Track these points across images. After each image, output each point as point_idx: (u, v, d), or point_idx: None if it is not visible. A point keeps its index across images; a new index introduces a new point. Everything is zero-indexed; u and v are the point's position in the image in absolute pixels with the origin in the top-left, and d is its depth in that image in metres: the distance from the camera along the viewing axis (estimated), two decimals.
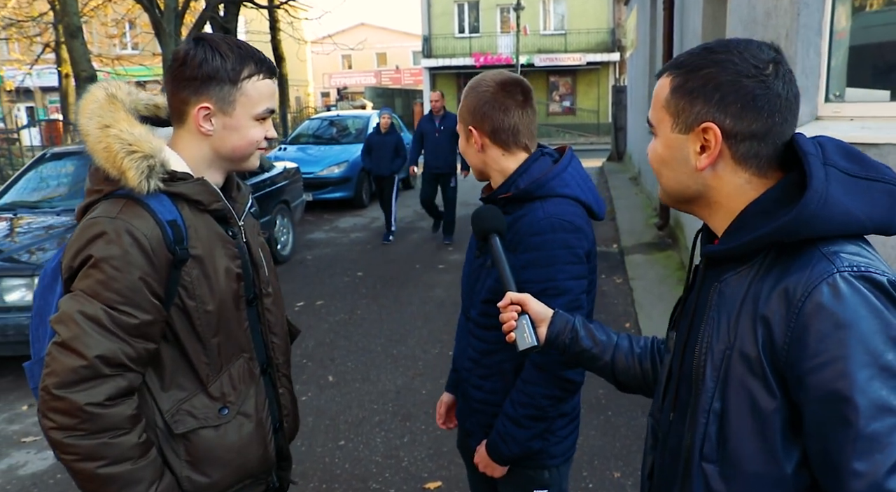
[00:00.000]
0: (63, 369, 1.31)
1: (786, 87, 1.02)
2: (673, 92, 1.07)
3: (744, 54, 1.02)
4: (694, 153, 1.06)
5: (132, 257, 1.36)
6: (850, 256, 0.94)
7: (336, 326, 5.81)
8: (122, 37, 26.36)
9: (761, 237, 0.99)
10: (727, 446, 1.02)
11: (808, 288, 0.93)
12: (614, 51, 29.38)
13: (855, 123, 3.61)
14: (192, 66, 1.43)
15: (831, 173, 0.97)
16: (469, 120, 1.75)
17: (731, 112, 1.01)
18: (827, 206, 0.94)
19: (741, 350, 0.99)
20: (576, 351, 1.44)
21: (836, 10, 3.71)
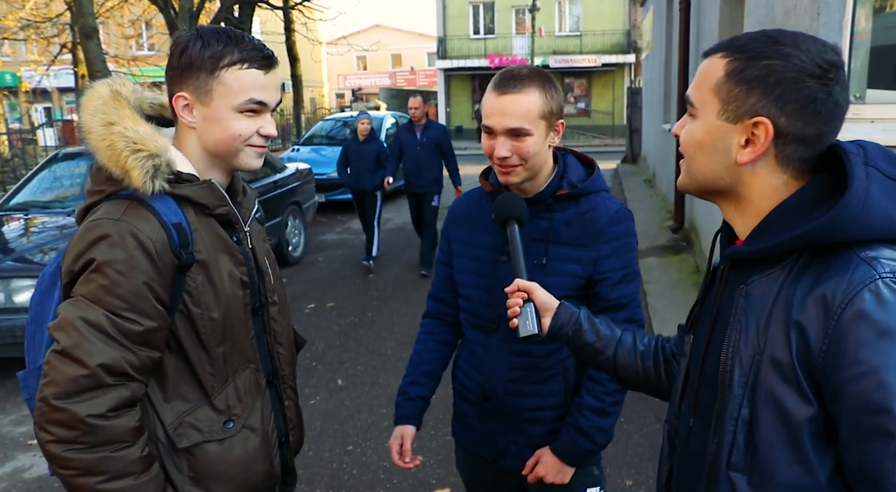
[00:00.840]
0: (63, 379, 1.25)
1: (843, 94, 0.97)
2: (728, 76, 0.99)
3: (811, 52, 0.96)
4: (737, 145, 1.00)
5: (136, 261, 1.30)
6: (891, 262, 0.90)
7: (346, 328, 5.78)
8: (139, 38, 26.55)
9: (795, 238, 0.94)
10: (756, 455, 0.98)
11: (849, 294, 0.89)
12: (630, 52, 29.24)
13: (876, 126, 3.53)
14: (175, 55, 1.39)
15: (872, 175, 0.93)
16: (560, 113, 1.70)
17: (788, 111, 0.96)
18: (867, 207, 0.90)
19: (772, 356, 0.95)
20: (578, 344, 1.42)
21: (856, 10, 3.63)
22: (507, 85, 1.63)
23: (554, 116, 1.66)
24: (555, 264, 1.72)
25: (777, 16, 4.11)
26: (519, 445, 1.84)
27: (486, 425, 1.88)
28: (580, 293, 1.74)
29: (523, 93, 1.61)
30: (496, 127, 1.64)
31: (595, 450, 1.80)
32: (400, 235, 9.73)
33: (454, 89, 32.11)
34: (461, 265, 1.88)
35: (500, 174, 1.70)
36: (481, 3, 31.07)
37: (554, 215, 1.73)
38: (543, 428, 1.82)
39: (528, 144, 1.62)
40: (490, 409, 1.85)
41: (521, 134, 1.62)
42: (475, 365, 1.87)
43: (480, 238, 1.82)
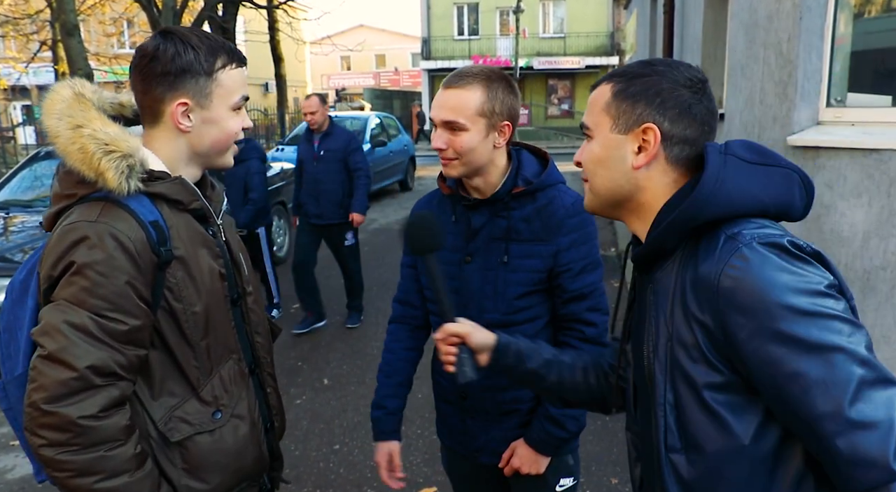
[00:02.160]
0: (52, 383, 1.25)
1: (711, 103, 1.12)
2: (615, 96, 1.14)
3: (680, 69, 1.12)
4: (632, 152, 1.12)
5: (117, 262, 1.30)
6: (753, 231, 0.99)
7: (332, 328, 5.77)
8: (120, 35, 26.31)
9: (669, 225, 1.05)
10: (686, 433, 1.05)
11: (720, 266, 0.98)
12: (613, 54, 29.42)
13: (856, 129, 3.59)
14: (164, 61, 1.37)
15: (729, 160, 1.05)
16: (507, 115, 1.70)
17: (669, 116, 1.10)
18: (723, 185, 1.02)
19: (679, 339, 1.04)
20: (519, 374, 1.46)
21: (837, 15, 3.69)
22: (452, 80, 1.70)
23: (497, 116, 1.68)
24: (516, 262, 1.75)
25: (760, 20, 4.16)
26: (497, 440, 1.88)
27: (465, 424, 1.91)
28: (543, 287, 1.77)
29: (464, 89, 1.67)
30: (434, 118, 1.72)
31: (567, 438, 1.83)
32: (384, 235, 9.72)
33: (438, 90, 32.12)
34: (425, 282, 1.89)
35: (443, 167, 1.75)
36: (466, 4, 31.12)
37: (512, 213, 1.75)
38: (519, 419, 1.86)
39: (462, 139, 1.66)
40: (468, 407, 1.88)
41: (456, 128, 1.67)
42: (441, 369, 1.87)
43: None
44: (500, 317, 1.77)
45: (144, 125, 1.47)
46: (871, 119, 3.60)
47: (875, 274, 3.45)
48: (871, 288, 3.45)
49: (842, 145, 3.43)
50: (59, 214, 1.40)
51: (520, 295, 1.76)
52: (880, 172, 3.39)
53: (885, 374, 0.92)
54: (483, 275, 1.78)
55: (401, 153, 14.27)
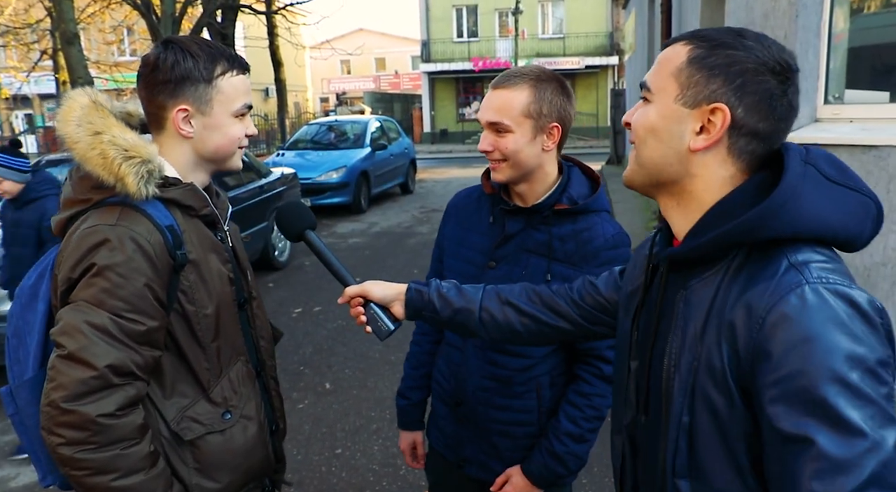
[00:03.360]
0: (71, 382, 1.28)
1: (796, 99, 0.99)
2: (690, 62, 0.99)
3: (772, 49, 0.97)
4: (691, 132, 0.99)
5: (137, 264, 1.34)
6: (820, 267, 0.89)
7: (334, 332, 5.77)
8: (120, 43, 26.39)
9: (723, 234, 0.94)
10: (696, 461, 0.98)
11: (775, 298, 0.88)
12: (613, 54, 29.42)
13: (855, 125, 3.58)
14: (165, 69, 1.41)
15: (810, 172, 0.93)
16: (556, 117, 1.64)
17: (746, 102, 0.96)
18: (798, 201, 0.90)
19: (708, 362, 0.95)
20: (443, 318, 1.48)
21: (834, 12, 3.69)
22: (500, 81, 1.65)
23: (545, 118, 1.62)
24: (540, 279, 1.67)
25: (756, 17, 4.16)
26: (486, 455, 1.83)
27: (456, 430, 1.88)
28: None
29: (511, 89, 1.61)
30: (480, 119, 1.67)
31: (566, 475, 1.78)
32: (386, 238, 9.73)
33: (438, 93, 32.15)
34: (450, 265, 1.86)
35: (491, 170, 1.70)
36: (465, 6, 31.14)
37: (551, 229, 1.69)
38: (513, 443, 1.80)
39: (507, 141, 1.61)
40: (462, 414, 1.85)
41: (501, 129, 1.62)
42: (451, 369, 1.87)
43: (472, 239, 1.80)
44: None
45: (152, 133, 1.51)
46: (869, 115, 3.60)
47: (876, 270, 3.45)
48: (871, 285, 3.44)
49: (840, 142, 3.42)
50: (71, 219, 1.43)
51: None
52: (879, 168, 3.38)
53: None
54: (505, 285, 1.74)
55: (401, 156, 14.28)
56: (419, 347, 2.04)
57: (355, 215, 11.73)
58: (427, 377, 2.00)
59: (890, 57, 3.87)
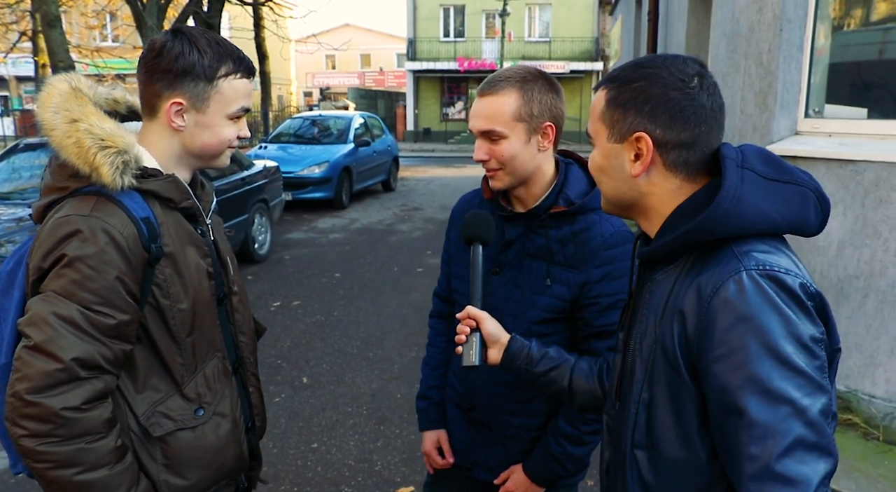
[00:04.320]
0: (36, 374, 1.25)
1: (710, 98, 1.08)
2: (608, 104, 1.13)
3: (670, 69, 1.08)
4: (629, 161, 1.12)
5: (108, 256, 1.31)
6: (760, 255, 0.99)
7: (312, 327, 5.76)
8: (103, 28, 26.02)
9: (680, 236, 1.06)
10: (653, 434, 1.09)
11: (717, 284, 0.99)
12: (598, 60, 29.60)
13: (833, 140, 3.66)
14: (168, 58, 1.39)
15: (747, 176, 1.03)
16: (548, 116, 1.60)
17: (660, 122, 1.07)
18: (739, 204, 1.00)
19: (662, 344, 1.06)
20: (532, 376, 1.49)
21: (816, 27, 3.76)
22: (485, 87, 1.61)
23: (537, 119, 1.58)
24: (543, 284, 1.67)
25: (742, 30, 4.23)
26: (496, 458, 1.84)
27: (469, 434, 1.88)
28: (565, 316, 1.68)
29: (497, 95, 1.58)
30: (472, 130, 1.63)
31: (566, 476, 1.78)
32: (367, 235, 9.72)
33: (423, 91, 32.14)
34: (457, 272, 1.84)
35: (489, 179, 1.67)
36: (452, 5, 31.16)
37: (549, 232, 1.66)
38: (522, 445, 1.81)
39: (502, 147, 1.58)
40: (475, 419, 1.84)
41: (495, 136, 1.58)
42: (464, 374, 1.85)
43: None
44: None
45: (143, 118, 1.48)
46: (848, 130, 3.68)
47: (848, 283, 3.52)
48: (844, 296, 3.52)
49: (819, 155, 3.49)
50: (50, 206, 1.40)
51: (540, 320, 1.67)
52: (855, 183, 3.46)
53: (826, 444, 0.93)
54: (509, 291, 1.71)
55: (384, 154, 14.26)
56: (435, 348, 2.01)
57: (336, 211, 11.69)
58: (444, 377, 1.98)
59: (869, 74, 3.95)
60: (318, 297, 6.61)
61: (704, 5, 6.02)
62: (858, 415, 3.52)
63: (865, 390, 3.50)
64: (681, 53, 1.14)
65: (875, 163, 3.36)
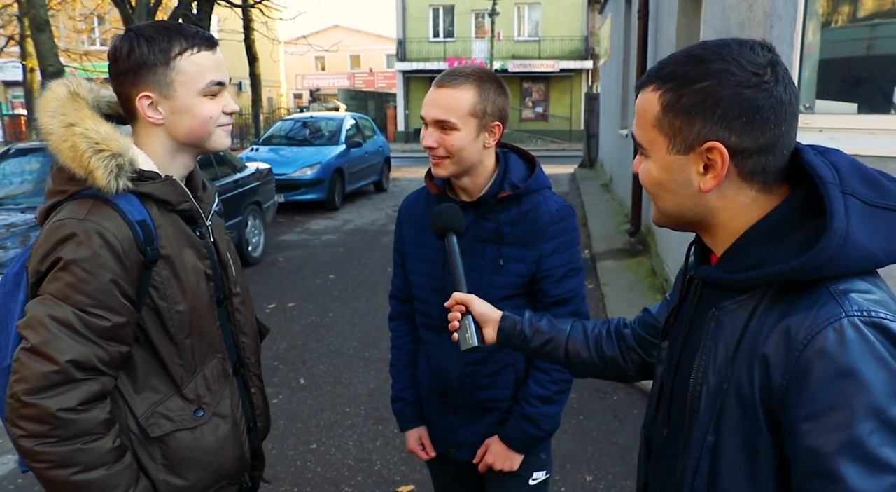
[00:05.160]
0: (33, 375, 1.27)
1: (787, 90, 0.93)
2: (665, 110, 0.96)
3: (740, 61, 0.92)
4: (697, 174, 0.97)
5: (103, 259, 1.32)
6: (861, 298, 0.87)
7: (308, 328, 5.76)
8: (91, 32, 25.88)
9: (769, 276, 0.92)
10: (717, 483, 0.98)
11: (813, 331, 0.86)
12: (587, 59, 29.68)
13: (824, 135, 3.69)
14: (122, 58, 1.39)
15: (851, 205, 0.88)
16: (498, 116, 1.72)
17: (736, 128, 0.92)
18: (846, 247, 0.86)
19: (738, 389, 0.94)
20: (529, 349, 1.48)
21: (806, 23, 3.79)
22: (444, 79, 1.70)
23: (488, 117, 1.69)
24: (506, 264, 1.78)
25: (732, 27, 4.26)
26: (476, 435, 1.91)
27: (446, 419, 1.95)
28: (525, 290, 1.80)
29: (457, 88, 1.67)
30: (426, 117, 1.72)
31: (542, 436, 1.87)
32: (360, 235, 9.72)
33: (413, 92, 32.13)
34: (414, 267, 1.92)
35: (433, 166, 1.76)
36: (441, 6, 31.17)
37: (499, 217, 1.77)
38: (499, 416, 1.89)
39: (453, 138, 1.67)
40: (450, 402, 1.92)
41: (447, 127, 1.67)
42: (431, 364, 1.92)
43: (431, 240, 1.85)
44: None
45: (130, 124, 1.49)
46: (839, 125, 3.71)
47: None
48: None
49: None
50: (52, 209, 1.42)
51: (502, 298, 1.76)
52: None
53: None
54: (466, 276, 1.78)
55: (376, 154, 14.26)
56: (400, 349, 2.06)
57: (329, 212, 11.68)
58: (414, 376, 2.04)
59: (857, 69, 3.99)
60: (312, 298, 6.61)
61: (694, 3, 6.06)
62: None
63: None
64: (744, 37, 0.97)
65: (867, 157, 3.37)
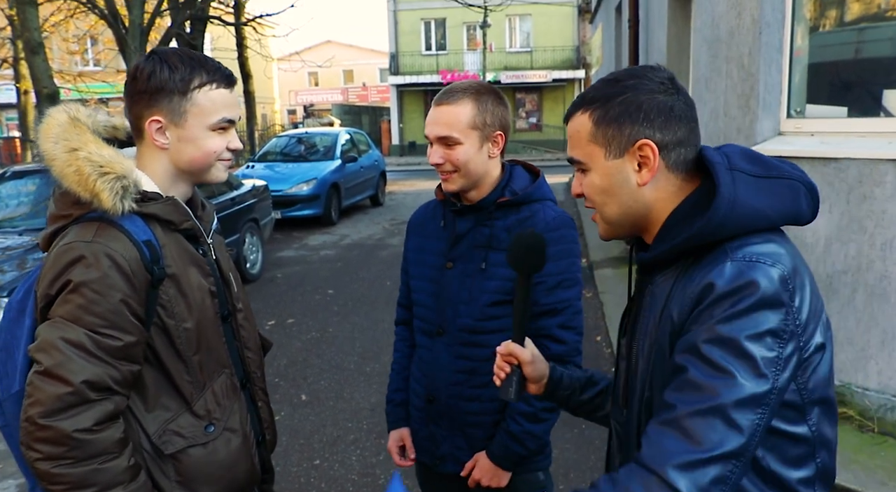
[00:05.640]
0: (48, 398, 1.29)
1: (684, 97, 1.13)
2: (597, 124, 1.13)
3: (648, 75, 1.12)
4: (633, 172, 1.13)
5: (112, 280, 1.34)
6: (750, 249, 1.02)
7: (308, 344, 5.76)
8: (84, 53, 25.98)
9: (681, 242, 1.07)
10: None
11: (704, 276, 1.02)
12: (579, 68, 29.84)
13: (815, 139, 3.73)
14: (142, 79, 1.43)
15: (737, 177, 1.06)
16: (498, 126, 1.78)
17: (657, 125, 1.10)
18: (735, 207, 1.03)
19: (660, 343, 1.09)
20: (573, 404, 1.48)
21: (794, 28, 3.84)
22: (442, 97, 1.76)
23: (489, 127, 1.75)
24: (493, 269, 1.79)
25: (722, 34, 4.30)
26: (461, 450, 1.91)
27: (429, 429, 1.95)
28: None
29: (455, 104, 1.73)
30: (429, 135, 1.78)
31: (527, 455, 1.84)
32: (358, 250, 9.73)
33: (407, 105, 32.25)
34: (415, 272, 1.97)
35: (442, 181, 1.81)
36: (433, 19, 31.35)
37: (495, 222, 1.81)
38: (484, 432, 1.88)
39: (457, 152, 1.73)
40: (434, 412, 1.92)
41: (451, 142, 1.73)
42: (422, 369, 1.95)
43: (431, 245, 1.91)
44: (472, 322, 1.82)
45: (136, 144, 1.52)
46: (829, 129, 3.75)
47: (837, 278, 3.58)
48: (833, 291, 3.57)
49: (802, 154, 3.56)
50: (56, 234, 1.44)
51: (493, 303, 1.79)
52: (839, 180, 3.52)
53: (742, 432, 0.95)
54: (461, 281, 1.83)
55: (371, 169, 14.30)
56: (399, 352, 2.12)
57: (326, 227, 11.70)
58: (408, 380, 2.06)
59: (847, 73, 4.03)
60: (312, 314, 6.62)
61: (684, 12, 6.12)
62: (853, 408, 3.56)
63: (859, 383, 3.55)
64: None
65: (857, 160, 3.42)
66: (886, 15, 3.77)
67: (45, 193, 5.94)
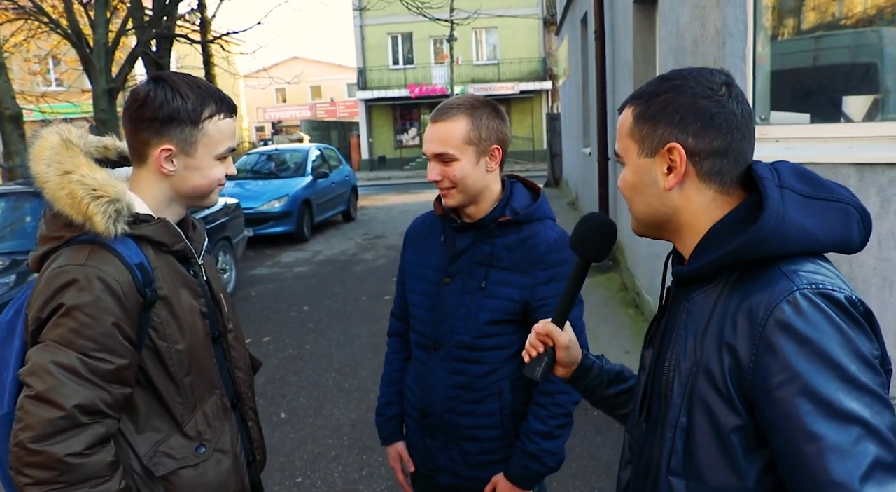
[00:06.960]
0: (39, 422, 1.27)
1: (739, 106, 1.08)
2: (636, 120, 1.12)
3: (697, 79, 1.08)
4: (661, 174, 1.10)
5: (104, 303, 1.34)
6: (809, 274, 0.97)
7: (285, 361, 5.72)
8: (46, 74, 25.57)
9: (723, 256, 1.03)
10: (692, 460, 1.05)
11: (770, 307, 0.95)
12: (546, 79, 30.18)
13: (780, 145, 3.82)
14: (153, 107, 1.42)
15: (787, 195, 1.01)
16: (495, 140, 1.78)
17: (691, 131, 1.06)
18: (783, 224, 0.98)
19: (706, 368, 1.02)
20: (597, 397, 1.46)
21: (756, 37, 3.94)
22: (437, 114, 1.78)
23: (485, 142, 1.75)
24: (492, 287, 1.79)
25: (686, 45, 4.40)
26: (456, 462, 1.91)
27: (425, 442, 1.96)
28: (518, 318, 1.80)
29: (449, 120, 1.74)
30: (426, 153, 1.79)
31: (546, 472, 1.85)
32: (331, 266, 9.69)
33: (376, 120, 32.29)
34: (412, 286, 1.96)
35: (442, 197, 1.82)
36: (400, 33, 31.48)
37: (496, 241, 1.81)
38: (480, 446, 1.88)
39: (454, 168, 1.74)
40: (429, 425, 1.93)
41: (447, 159, 1.74)
42: (418, 383, 1.95)
43: (429, 259, 1.91)
44: (469, 339, 1.82)
45: (133, 165, 1.52)
46: (793, 135, 3.85)
47: None
48: None
49: (768, 161, 3.64)
50: (46, 255, 1.43)
51: (490, 321, 1.79)
52: None
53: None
54: (459, 297, 1.83)
55: (343, 184, 14.27)
56: (391, 365, 2.12)
57: (299, 244, 11.63)
58: (400, 393, 2.07)
59: (807, 80, 4.14)
60: (288, 331, 6.57)
61: (649, 23, 6.24)
62: None
63: None
64: (705, 66, 1.13)
65: (821, 164, 3.51)
66: (840, 23, 3.89)
67: (16, 214, 5.84)
